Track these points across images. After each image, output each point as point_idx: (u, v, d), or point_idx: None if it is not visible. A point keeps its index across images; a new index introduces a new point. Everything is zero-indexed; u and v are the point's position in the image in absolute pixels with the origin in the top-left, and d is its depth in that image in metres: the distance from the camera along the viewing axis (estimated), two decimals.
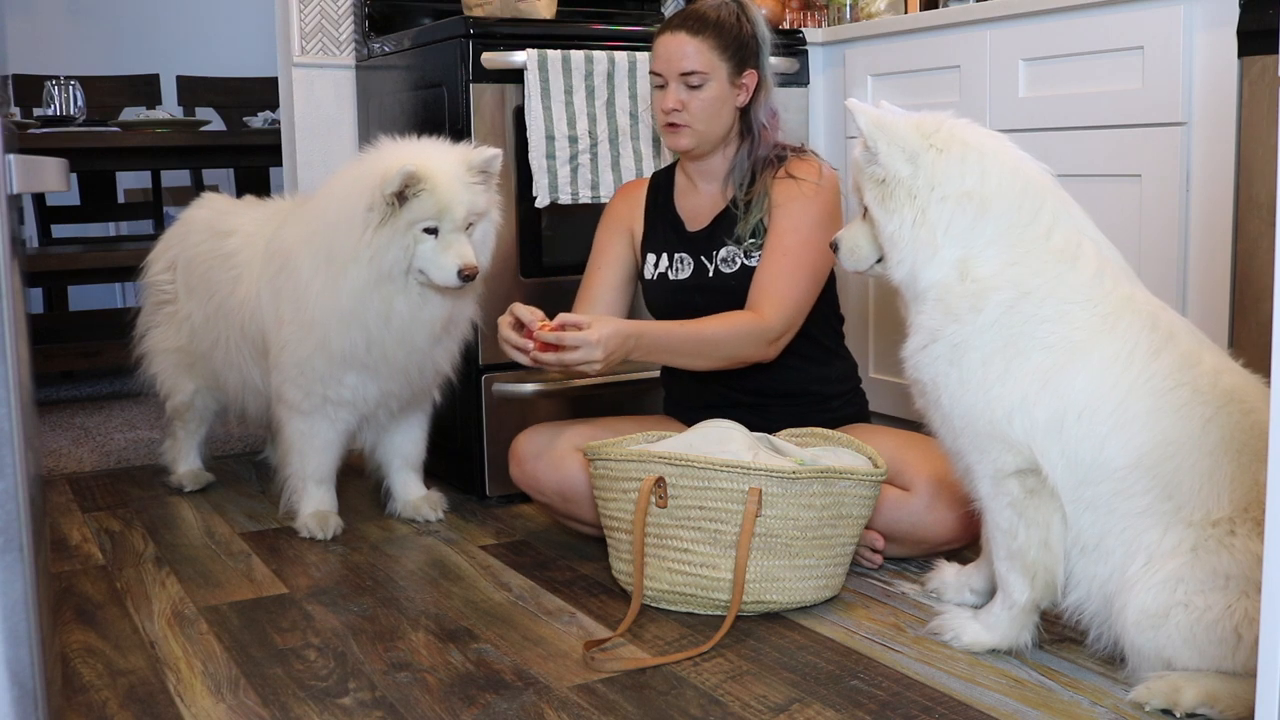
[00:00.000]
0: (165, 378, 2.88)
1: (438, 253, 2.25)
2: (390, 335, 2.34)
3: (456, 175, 2.27)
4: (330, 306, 2.33)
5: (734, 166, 2.36)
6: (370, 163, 2.31)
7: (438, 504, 2.66)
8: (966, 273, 1.75)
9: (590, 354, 2.08)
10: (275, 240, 2.52)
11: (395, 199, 2.22)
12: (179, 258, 2.80)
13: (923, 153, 1.76)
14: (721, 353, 2.21)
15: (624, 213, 2.50)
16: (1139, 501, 1.66)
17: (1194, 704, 1.58)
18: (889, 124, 1.78)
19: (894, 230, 1.78)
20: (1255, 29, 2.03)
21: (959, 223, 1.75)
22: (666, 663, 1.85)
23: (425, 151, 2.30)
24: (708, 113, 2.28)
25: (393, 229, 2.24)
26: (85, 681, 1.83)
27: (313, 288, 2.34)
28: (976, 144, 1.78)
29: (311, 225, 2.40)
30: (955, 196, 1.75)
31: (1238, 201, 2.09)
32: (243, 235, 2.65)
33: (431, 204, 2.23)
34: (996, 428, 1.73)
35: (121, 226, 5.21)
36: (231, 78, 4.92)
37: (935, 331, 1.78)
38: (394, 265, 2.26)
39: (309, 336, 2.39)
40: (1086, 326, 1.70)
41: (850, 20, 3.15)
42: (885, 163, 1.77)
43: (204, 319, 2.71)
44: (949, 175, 1.75)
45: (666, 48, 2.28)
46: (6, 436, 1.08)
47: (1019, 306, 1.72)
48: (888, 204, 1.78)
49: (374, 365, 2.39)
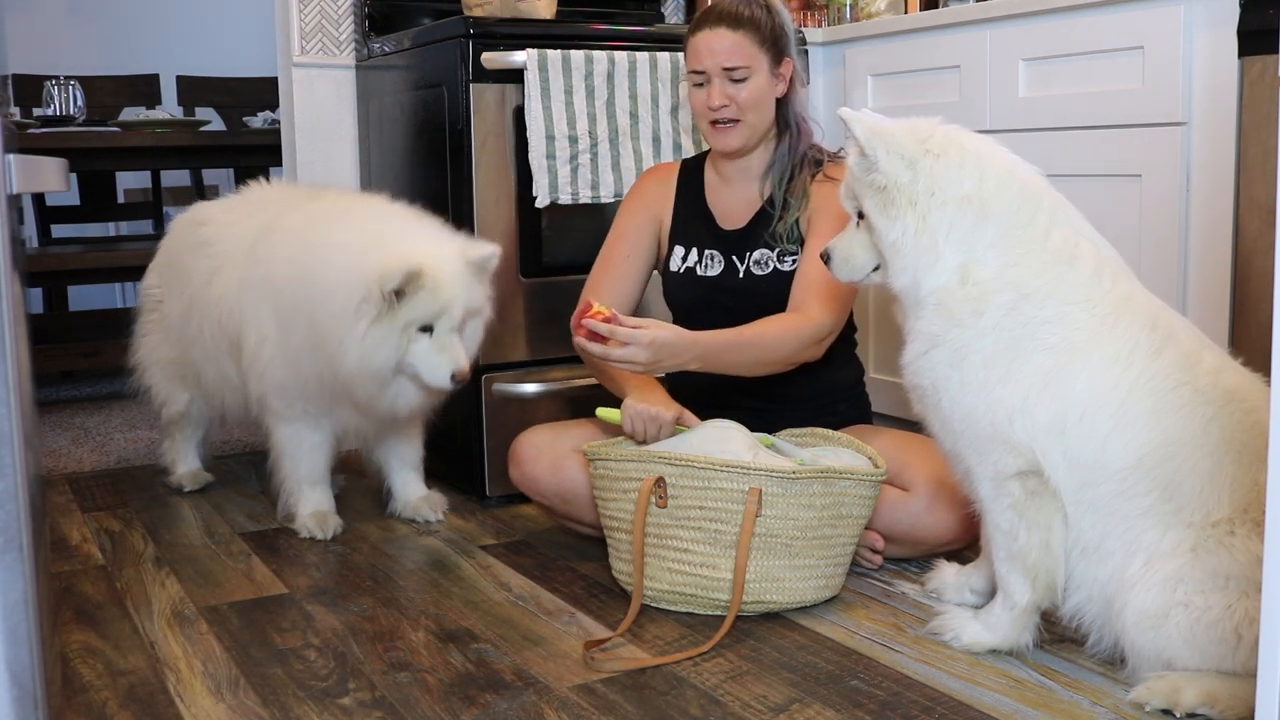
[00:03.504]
0: (159, 389, 2.87)
1: (431, 354, 2.21)
2: (372, 409, 2.36)
3: (457, 273, 2.21)
4: (311, 373, 2.32)
5: (774, 162, 2.33)
6: (366, 250, 2.21)
7: (438, 505, 2.64)
8: (967, 276, 1.74)
9: (636, 354, 2.03)
10: (265, 248, 2.44)
11: (394, 296, 2.16)
12: (163, 262, 2.81)
13: (921, 158, 1.75)
14: (776, 356, 2.18)
15: (655, 198, 2.45)
16: (1140, 502, 1.66)
17: (1194, 704, 1.58)
18: (886, 131, 1.77)
19: (897, 238, 1.77)
20: (1255, 29, 2.03)
21: (960, 227, 1.74)
22: (666, 663, 1.85)
23: (424, 246, 2.22)
24: (756, 105, 2.25)
25: (389, 327, 2.18)
26: (85, 681, 1.83)
27: (301, 357, 2.32)
28: (972, 148, 1.78)
29: (295, 295, 2.30)
30: (955, 201, 1.74)
31: (1238, 201, 2.09)
32: (216, 223, 2.62)
33: (431, 304, 2.17)
34: (998, 430, 1.73)
35: (121, 226, 5.21)
36: (231, 78, 4.92)
37: (936, 337, 1.77)
38: (384, 364, 2.22)
39: (290, 369, 2.38)
40: (1086, 327, 1.70)
41: (850, 20, 3.15)
42: (885, 169, 1.76)
43: (181, 313, 2.68)
44: (948, 180, 1.74)
45: (708, 44, 2.24)
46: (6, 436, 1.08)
47: (1020, 308, 1.72)
48: (889, 211, 1.77)
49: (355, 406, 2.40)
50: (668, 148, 2.77)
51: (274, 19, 3.31)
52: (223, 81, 4.92)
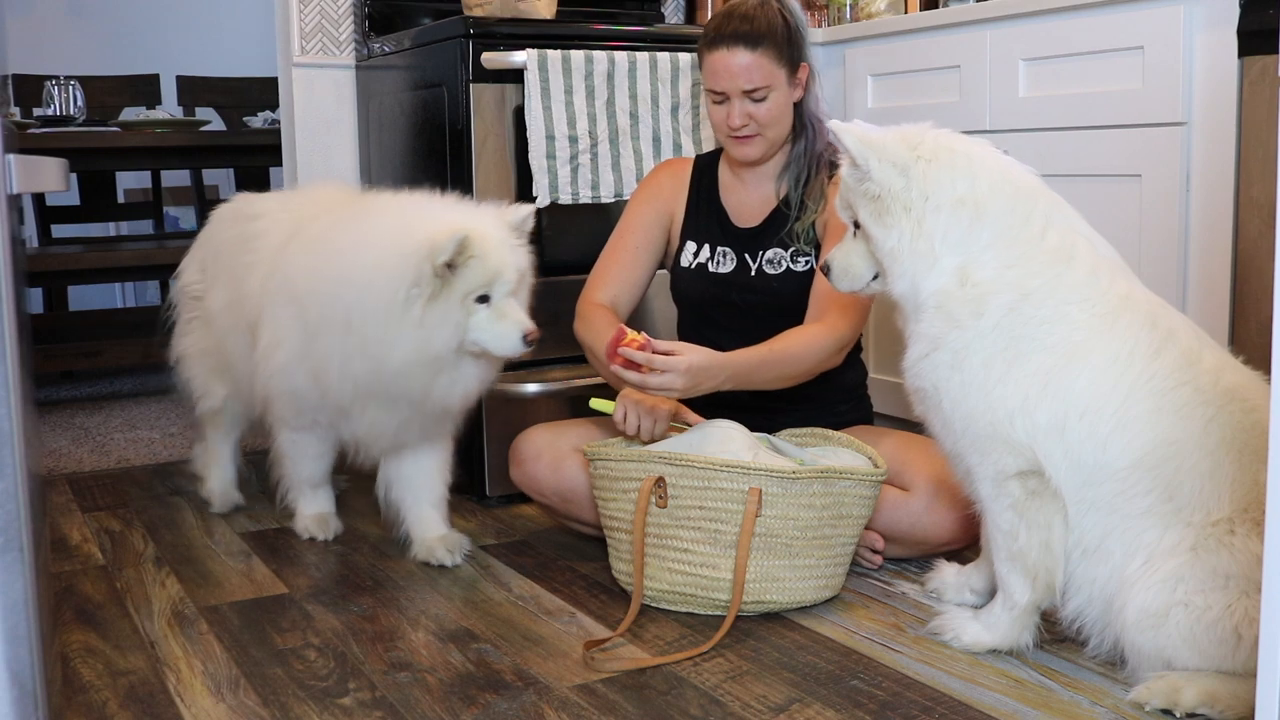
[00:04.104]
0: (198, 382, 2.74)
1: (494, 322, 2.10)
2: (425, 402, 2.20)
3: (503, 237, 2.13)
4: (346, 380, 2.16)
5: (789, 163, 2.33)
6: (404, 230, 2.10)
7: (456, 546, 2.37)
8: (966, 278, 1.75)
9: (673, 381, 2.03)
10: (290, 253, 2.31)
11: (445, 270, 2.05)
12: (207, 255, 2.67)
13: (913, 164, 1.76)
14: (802, 369, 2.19)
15: (669, 191, 2.44)
16: (1141, 502, 1.67)
17: (1194, 704, 1.58)
18: (877, 140, 1.78)
19: (894, 245, 1.78)
20: (1255, 29, 2.03)
21: (955, 230, 1.75)
22: (666, 663, 1.85)
23: (465, 215, 2.13)
24: (776, 121, 2.25)
25: (447, 304, 2.06)
26: (85, 681, 1.83)
27: (330, 363, 2.17)
28: (963, 150, 1.79)
29: (327, 296, 2.15)
30: (949, 204, 1.75)
31: (1238, 201, 2.09)
32: (269, 218, 2.49)
33: (484, 270, 2.07)
34: (998, 430, 1.73)
35: (121, 226, 5.21)
36: (231, 78, 4.91)
37: (937, 339, 1.77)
38: (446, 344, 2.09)
39: (310, 381, 2.24)
40: (1086, 326, 1.71)
41: (850, 20, 3.15)
42: (878, 178, 1.77)
43: (222, 306, 2.55)
44: (940, 183, 1.75)
45: (725, 65, 2.20)
46: (6, 436, 1.08)
47: (1020, 308, 1.72)
48: (885, 219, 1.78)
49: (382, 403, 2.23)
50: (668, 148, 2.77)
51: (274, 19, 3.31)
52: (223, 81, 4.92)
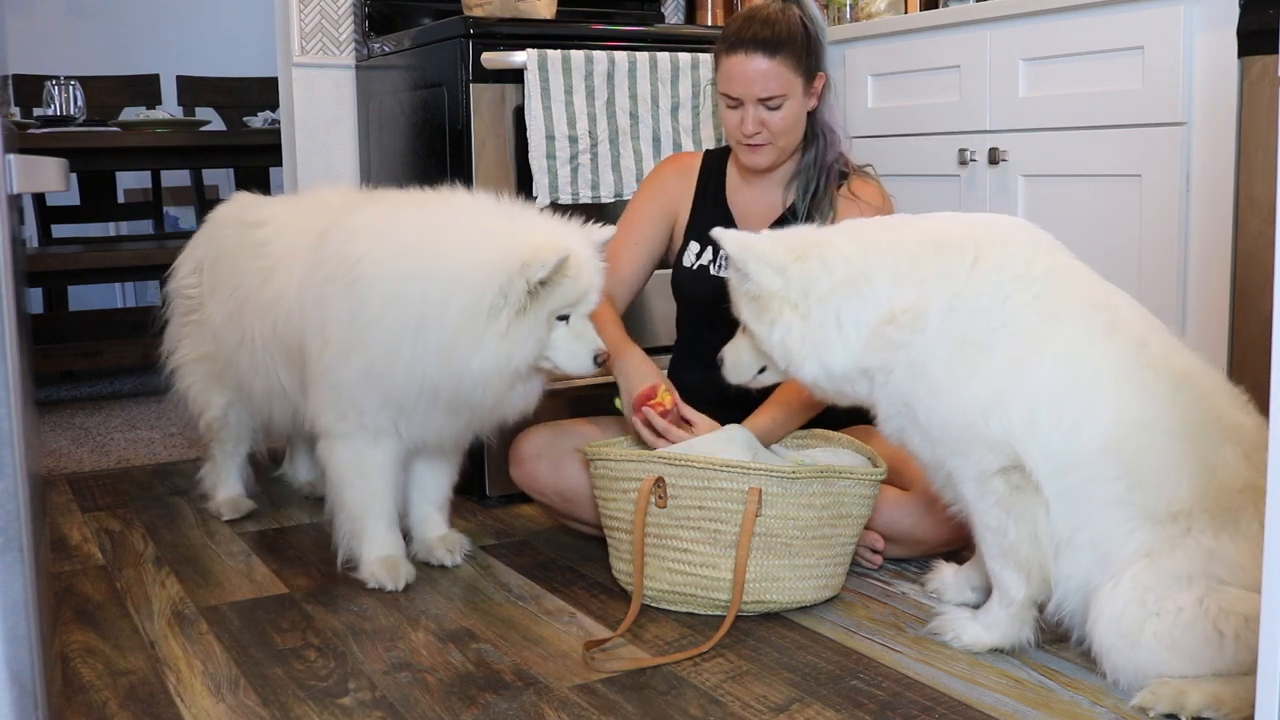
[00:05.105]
0: (196, 392, 2.65)
1: (569, 340, 2.06)
2: (494, 412, 2.16)
3: (593, 259, 2.08)
4: (412, 380, 2.07)
5: (799, 171, 2.32)
6: (504, 239, 2.03)
7: (456, 546, 2.36)
8: (893, 315, 1.80)
9: None
10: (336, 242, 2.17)
11: (538, 286, 2.00)
12: (205, 257, 2.59)
13: (790, 265, 1.84)
14: (817, 399, 2.16)
15: (675, 189, 2.43)
16: (1110, 489, 1.70)
17: (1199, 707, 1.59)
18: (754, 244, 1.88)
19: (780, 336, 1.86)
20: (1255, 29, 2.03)
21: (850, 306, 1.82)
22: (666, 663, 1.85)
23: (560, 231, 2.08)
24: (789, 130, 2.25)
25: (534, 319, 2.01)
26: (85, 681, 1.83)
27: (396, 357, 2.07)
28: (829, 240, 1.87)
29: (397, 288, 2.06)
30: (830, 290, 1.82)
31: (1238, 201, 2.09)
32: (276, 225, 2.41)
33: (573, 290, 2.03)
34: (974, 429, 1.76)
35: (121, 226, 5.21)
36: (231, 78, 4.92)
37: (888, 363, 1.81)
38: (527, 359, 2.03)
39: (365, 376, 2.12)
40: (1033, 311, 1.74)
41: (850, 20, 3.15)
42: (757, 280, 1.86)
43: (226, 316, 2.46)
44: (815, 278, 1.84)
45: (741, 71, 2.19)
46: (6, 436, 1.08)
47: (956, 307, 1.77)
48: (764, 316, 1.87)
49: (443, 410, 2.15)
50: (668, 148, 2.77)
51: (274, 19, 3.31)
52: (223, 81, 4.92)
